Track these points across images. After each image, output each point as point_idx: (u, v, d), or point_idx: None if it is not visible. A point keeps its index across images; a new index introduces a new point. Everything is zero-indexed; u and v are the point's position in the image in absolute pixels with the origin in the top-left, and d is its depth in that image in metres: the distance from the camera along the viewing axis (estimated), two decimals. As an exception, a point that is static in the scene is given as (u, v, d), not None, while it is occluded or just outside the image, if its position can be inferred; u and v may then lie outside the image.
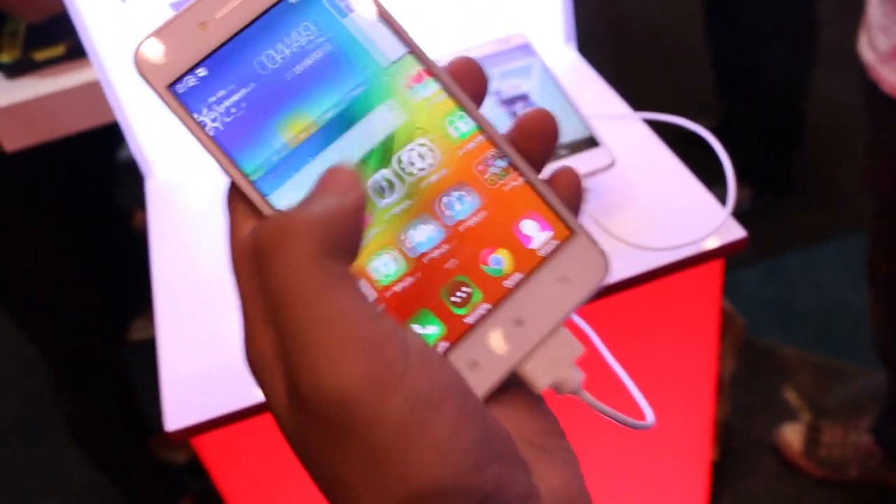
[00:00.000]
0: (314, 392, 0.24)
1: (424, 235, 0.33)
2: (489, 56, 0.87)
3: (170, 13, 0.35)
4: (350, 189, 0.27)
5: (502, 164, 0.34)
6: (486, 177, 0.34)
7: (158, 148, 0.93)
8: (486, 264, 0.33)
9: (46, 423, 1.85)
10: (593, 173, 0.76)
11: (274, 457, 0.75)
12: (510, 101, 0.83)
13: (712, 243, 0.75)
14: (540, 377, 0.32)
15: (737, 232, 0.75)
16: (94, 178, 1.54)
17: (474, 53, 0.87)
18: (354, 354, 0.24)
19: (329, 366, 0.24)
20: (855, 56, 1.22)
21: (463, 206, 0.33)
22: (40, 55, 1.10)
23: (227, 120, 0.31)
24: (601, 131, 0.79)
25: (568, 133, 0.79)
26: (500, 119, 0.81)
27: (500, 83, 0.85)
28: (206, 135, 0.31)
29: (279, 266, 0.25)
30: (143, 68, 0.31)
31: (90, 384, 1.47)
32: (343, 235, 0.26)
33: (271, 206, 0.31)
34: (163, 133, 0.92)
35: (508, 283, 0.33)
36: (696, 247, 0.74)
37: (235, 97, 0.32)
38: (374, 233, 0.32)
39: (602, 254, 0.34)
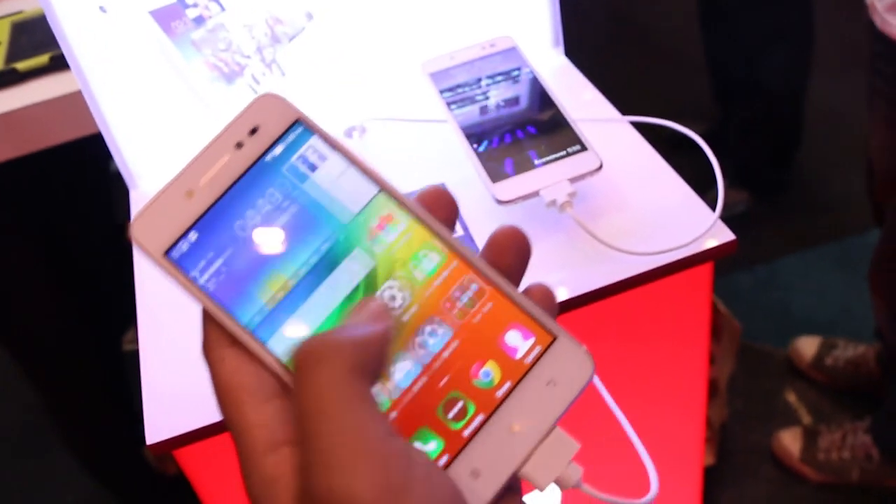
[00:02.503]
0: (325, 493, 0.27)
1: (404, 371, 0.35)
2: (475, 60, 0.86)
3: (150, 22, 0.37)
4: (379, 319, 0.32)
5: (475, 287, 0.37)
6: (458, 305, 0.36)
7: (142, 160, 0.92)
8: (476, 378, 0.36)
9: (41, 435, 1.84)
10: (581, 177, 0.75)
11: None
12: (496, 107, 0.82)
13: (701, 246, 0.74)
14: (541, 477, 0.35)
15: (725, 235, 0.74)
16: (86, 190, 1.53)
17: (459, 58, 0.86)
18: (367, 465, 0.27)
19: (343, 472, 0.27)
20: (853, 58, 1.21)
21: (436, 339, 0.36)
22: (24, 65, 1.10)
23: (220, 279, 0.35)
24: (589, 135, 0.78)
25: (555, 137, 0.78)
26: (483, 126, 0.80)
27: (487, 88, 0.84)
28: (203, 293, 0.34)
29: (315, 380, 0.29)
30: (140, 239, 0.34)
31: (81, 395, 1.46)
32: (371, 358, 0.30)
33: (271, 353, 0.34)
34: (146, 145, 0.91)
35: (500, 393, 0.35)
36: (684, 250, 0.73)
37: (223, 257, 0.35)
38: None
39: (585, 353, 0.36)
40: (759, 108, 2.09)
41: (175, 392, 0.70)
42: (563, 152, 0.77)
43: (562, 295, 0.72)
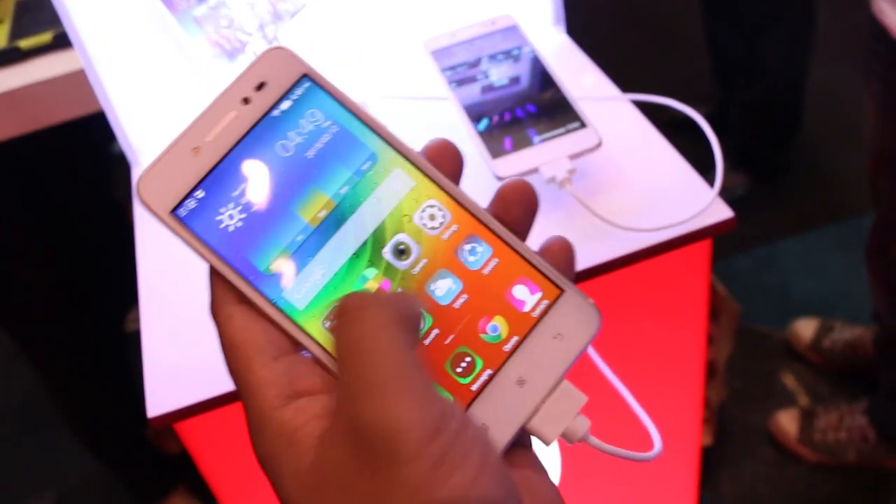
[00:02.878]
0: (375, 423, 0.28)
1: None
2: (476, 38, 0.87)
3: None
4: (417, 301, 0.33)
5: (482, 241, 0.37)
6: (466, 259, 0.36)
7: (145, 137, 0.92)
8: (484, 332, 0.36)
9: (43, 414, 1.85)
10: (580, 154, 0.76)
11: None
12: (497, 85, 0.82)
13: (699, 223, 0.74)
14: (548, 431, 0.35)
15: (724, 212, 0.75)
16: (87, 170, 1.54)
17: (461, 36, 0.86)
18: (413, 400, 0.28)
19: (395, 404, 0.28)
20: (855, 41, 1.21)
21: (446, 292, 0.36)
22: (26, 43, 1.10)
23: (228, 236, 0.34)
24: (589, 113, 0.78)
25: (555, 115, 0.78)
26: (484, 104, 0.81)
27: (487, 66, 0.84)
28: (211, 251, 0.34)
29: (367, 321, 0.30)
30: (145, 197, 0.34)
31: (81, 374, 1.46)
32: (410, 316, 0.31)
33: (279, 309, 0.34)
34: (149, 122, 0.91)
35: (507, 347, 0.36)
36: (683, 227, 0.74)
37: (230, 215, 0.34)
38: None
39: (592, 306, 0.37)
40: (760, 91, 2.09)
41: (176, 365, 0.70)
42: (563, 129, 0.77)
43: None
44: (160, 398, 0.68)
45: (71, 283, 1.42)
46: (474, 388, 0.35)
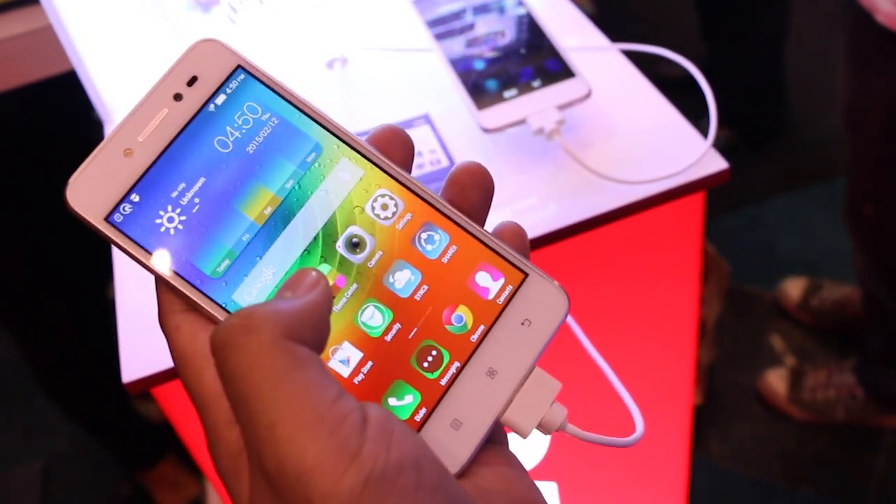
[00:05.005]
0: (276, 471, 0.26)
1: (377, 316, 0.34)
2: (459, -13, 0.83)
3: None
4: (312, 289, 0.29)
5: (439, 229, 0.35)
6: (424, 248, 0.35)
7: (117, 94, 0.89)
8: (449, 324, 0.34)
9: (27, 381, 1.83)
10: (569, 104, 0.73)
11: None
12: (483, 35, 0.79)
13: (693, 175, 0.72)
14: (524, 421, 0.33)
15: (718, 163, 0.73)
16: (66, 135, 1.50)
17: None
18: (312, 433, 0.25)
19: (288, 445, 0.25)
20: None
21: (405, 284, 0.34)
22: (-9, 0, 1.06)
23: (168, 241, 0.32)
24: (578, 63, 0.76)
25: (543, 65, 0.75)
26: (469, 56, 0.78)
27: (472, 17, 0.81)
28: (151, 257, 0.32)
29: (242, 353, 0.27)
30: (75, 205, 0.32)
31: (63, 342, 1.44)
32: (304, 325, 0.28)
33: (227, 311, 0.32)
34: (121, 79, 0.88)
35: (474, 338, 0.34)
36: (676, 179, 0.71)
37: (169, 218, 0.33)
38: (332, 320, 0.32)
39: (558, 288, 0.35)
40: (744, 52, 2.08)
41: (152, 329, 0.68)
42: (551, 79, 0.74)
43: (550, 226, 0.70)
44: (135, 363, 0.65)
45: (49, 248, 1.39)
46: (443, 382, 0.33)
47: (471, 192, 0.35)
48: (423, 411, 0.33)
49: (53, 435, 1.82)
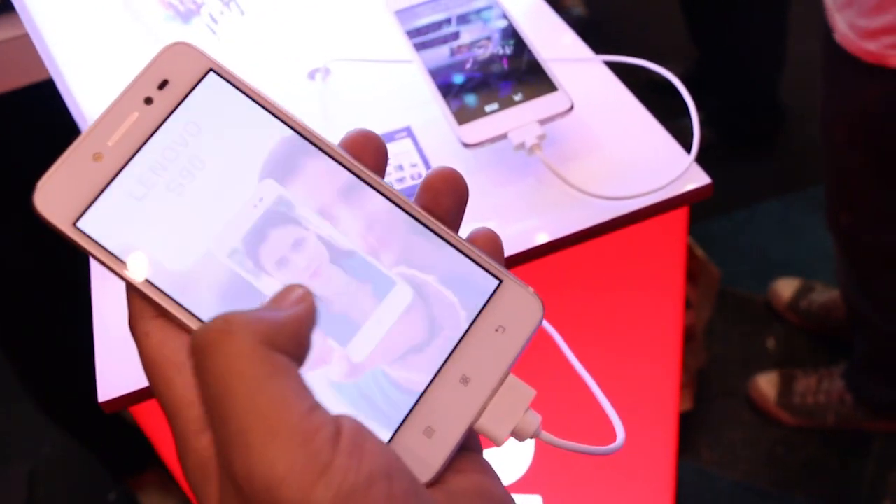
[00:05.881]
0: (245, 478, 0.25)
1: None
2: (442, -2, 0.83)
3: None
4: (298, 304, 0.29)
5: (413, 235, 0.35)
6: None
7: (95, 104, 0.88)
8: None
9: (11, 386, 1.82)
10: (551, 119, 0.72)
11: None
12: (464, 47, 0.78)
13: (676, 190, 0.71)
14: (498, 429, 0.33)
15: (701, 178, 0.72)
16: (47, 142, 1.49)
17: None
18: (283, 443, 0.25)
19: (259, 453, 0.25)
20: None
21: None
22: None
23: (140, 242, 0.32)
24: (560, 76, 0.75)
25: (525, 78, 0.75)
26: (450, 68, 0.77)
27: (453, 27, 0.80)
28: (122, 263, 0.32)
29: (220, 357, 0.26)
30: (43, 210, 0.31)
31: (45, 348, 1.43)
32: (286, 335, 0.28)
33: (198, 318, 0.32)
34: (99, 89, 0.87)
35: None
36: (658, 194, 0.71)
37: (140, 223, 0.32)
38: None
39: (533, 295, 0.35)
40: (734, 54, 2.07)
41: (129, 348, 0.67)
42: (533, 93, 0.73)
43: (532, 241, 0.69)
44: (112, 381, 0.65)
45: (30, 254, 1.38)
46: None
47: (444, 197, 0.35)
48: None
49: (39, 440, 1.80)
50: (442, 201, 0.35)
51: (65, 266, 1.53)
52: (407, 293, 0.34)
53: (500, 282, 0.35)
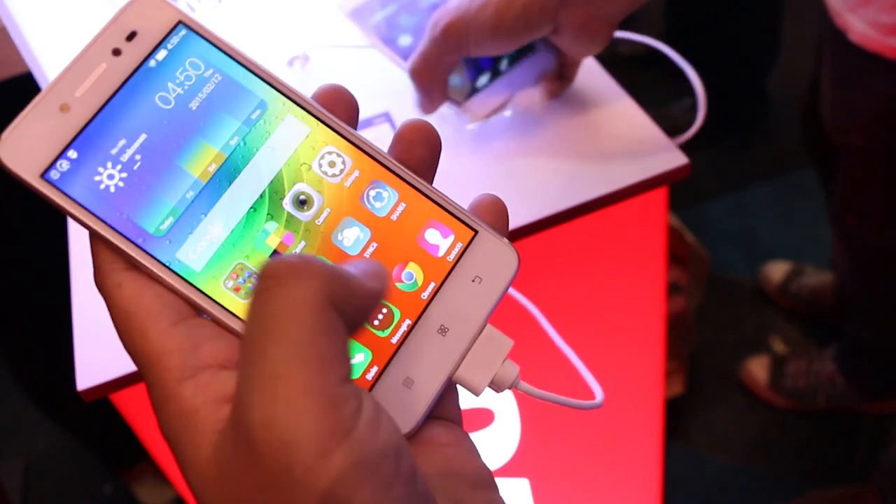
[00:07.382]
0: (261, 427, 0.24)
1: None
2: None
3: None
4: (375, 279, 0.29)
5: (387, 186, 0.35)
6: (372, 205, 0.34)
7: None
8: (399, 281, 0.34)
9: (5, 380, 1.82)
10: (542, 76, 0.72)
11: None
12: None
13: (654, 170, 0.71)
14: (477, 379, 0.33)
15: (679, 159, 0.72)
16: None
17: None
18: (314, 403, 0.25)
19: (286, 406, 0.24)
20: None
21: (353, 242, 0.34)
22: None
23: (108, 198, 0.32)
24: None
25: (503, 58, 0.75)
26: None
27: (413, 18, 0.80)
28: (91, 214, 0.31)
29: (284, 296, 0.25)
30: (8, 162, 0.31)
31: (35, 340, 1.43)
32: (353, 303, 0.27)
33: (174, 272, 0.32)
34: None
35: (424, 295, 0.34)
36: (636, 175, 0.71)
37: (109, 175, 0.32)
38: None
39: (508, 245, 0.35)
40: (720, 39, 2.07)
41: (108, 334, 0.67)
42: (516, 58, 0.73)
43: (514, 222, 0.69)
44: (91, 369, 0.65)
45: (21, 246, 1.38)
46: (394, 340, 0.33)
47: (418, 148, 0.35)
48: (374, 370, 0.33)
49: (34, 434, 1.81)
50: (416, 151, 0.35)
51: (57, 258, 1.53)
52: None
53: (476, 232, 0.35)
